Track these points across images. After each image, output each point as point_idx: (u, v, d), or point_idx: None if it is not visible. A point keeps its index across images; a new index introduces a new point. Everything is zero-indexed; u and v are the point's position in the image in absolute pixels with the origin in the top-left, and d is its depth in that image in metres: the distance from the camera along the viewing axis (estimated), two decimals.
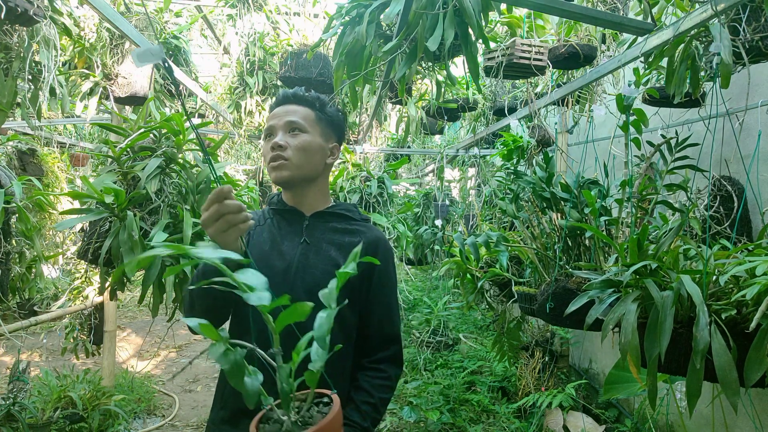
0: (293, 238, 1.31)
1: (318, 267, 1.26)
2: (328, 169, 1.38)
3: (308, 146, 1.29)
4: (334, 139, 1.38)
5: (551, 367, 3.63)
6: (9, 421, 2.44)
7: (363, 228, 1.36)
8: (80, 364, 4.06)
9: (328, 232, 1.32)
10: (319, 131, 1.32)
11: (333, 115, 1.38)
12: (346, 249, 1.29)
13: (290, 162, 1.26)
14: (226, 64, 4.75)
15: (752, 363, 1.10)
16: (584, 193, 1.92)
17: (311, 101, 1.34)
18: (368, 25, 1.80)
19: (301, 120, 1.30)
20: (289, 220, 1.35)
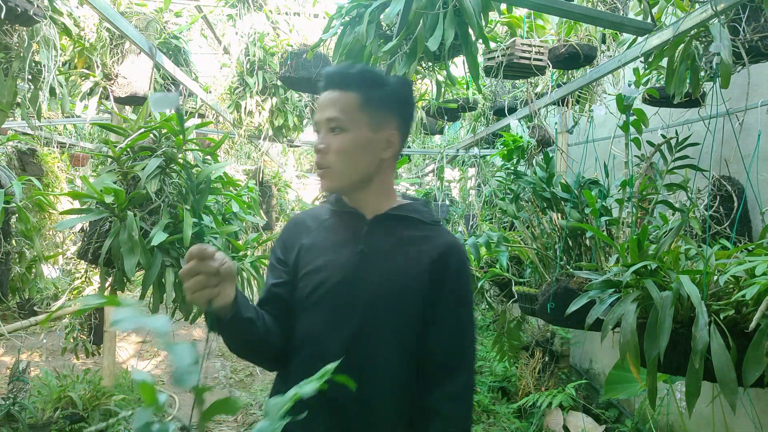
0: (351, 246, 1.11)
1: (377, 282, 1.07)
2: (387, 163, 1.13)
3: (350, 147, 1.07)
4: (393, 124, 1.10)
5: (551, 367, 3.63)
6: (9, 421, 2.44)
7: (432, 233, 1.13)
8: (80, 364, 4.06)
9: (391, 241, 1.11)
10: (366, 121, 1.07)
11: (389, 90, 1.10)
12: (411, 262, 1.08)
13: (333, 170, 1.07)
14: (226, 64, 4.75)
15: (751, 363, 1.10)
16: (584, 193, 1.92)
17: (355, 81, 1.08)
18: (368, 25, 1.80)
19: (340, 114, 1.07)
20: (348, 223, 1.15)
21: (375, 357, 1.04)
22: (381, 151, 1.10)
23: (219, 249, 1.77)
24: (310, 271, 1.11)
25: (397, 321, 1.05)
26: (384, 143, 1.10)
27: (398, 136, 1.12)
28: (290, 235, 1.19)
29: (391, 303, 1.05)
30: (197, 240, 1.85)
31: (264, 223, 3.95)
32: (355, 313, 1.05)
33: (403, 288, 1.06)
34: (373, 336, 1.04)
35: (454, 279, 1.09)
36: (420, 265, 1.07)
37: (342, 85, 1.08)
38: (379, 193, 1.14)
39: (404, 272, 1.07)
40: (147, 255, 1.70)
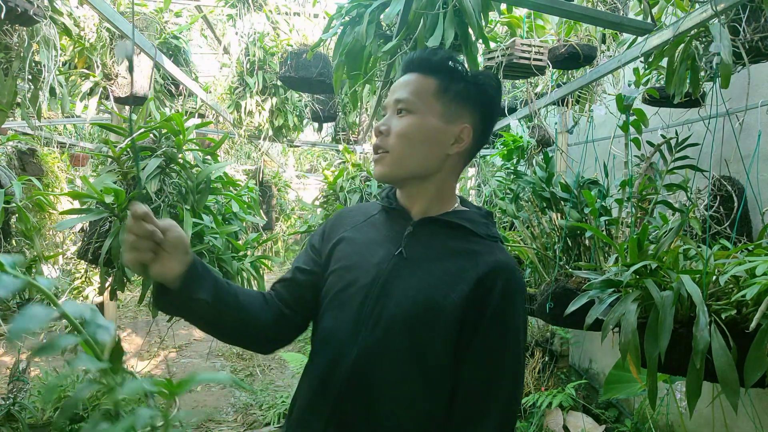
0: (390, 247, 0.99)
1: (408, 294, 0.93)
2: (453, 161, 1.00)
3: (414, 132, 0.95)
4: (468, 120, 0.99)
5: (551, 367, 3.63)
6: (9, 421, 2.44)
7: (483, 249, 0.97)
8: None
9: (435, 249, 0.97)
10: (439, 109, 0.96)
11: (472, 84, 0.99)
12: (451, 277, 0.93)
13: (390, 154, 0.97)
14: (226, 64, 4.75)
15: (752, 363, 1.10)
16: (584, 193, 1.92)
17: (435, 67, 0.98)
18: (368, 25, 1.80)
19: (410, 96, 0.96)
20: (393, 222, 1.04)
21: (391, 377, 0.91)
22: (448, 145, 0.98)
23: (217, 247, 1.77)
24: (342, 267, 1.01)
25: (423, 343, 0.91)
26: (453, 138, 0.98)
27: (471, 135, 0.99)
28: (332, 226, 1.10)
29: (419, 320, 0.91)
30: (197, 240, 1.85)
31: (264, 223, 3.95)
32: (378, 322, 0.93)
33: (435, 305, 0.91)
34: (393, 353, 0.91)
35: (499, 306, 0.91)
36: (460, 283, 0.92)
37: (420, 69, 0.99)
38: (436, 194, 1.01)
39: (440, 287, 0.92)
40: None
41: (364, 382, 0.91)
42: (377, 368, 0.92)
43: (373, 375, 0.91)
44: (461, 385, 0.91)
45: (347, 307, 0.97)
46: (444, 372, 0.92)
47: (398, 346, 0.91)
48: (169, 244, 0.83)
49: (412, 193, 1.02)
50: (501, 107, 1.08)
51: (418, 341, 0.91)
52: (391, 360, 0.92)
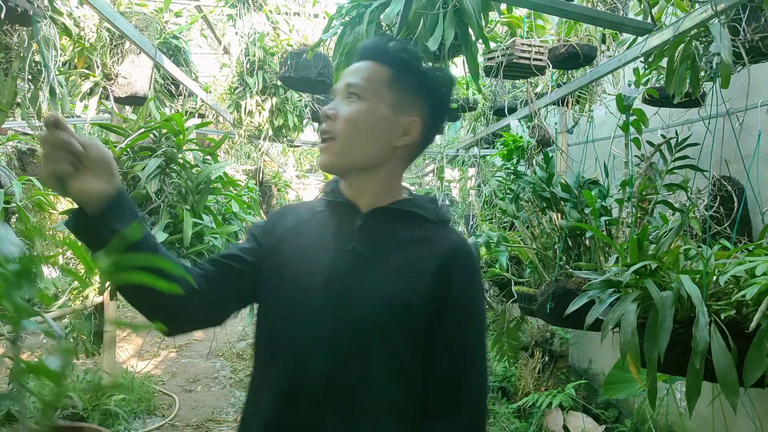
0: (340, 244, 0.94)
1: (371, 290, 0.90)
2: (400, 154, 0.98)
3: (362, 119, 0.92)
4: (418, 113, 0.96)
5: (551, 367, 3.63)
6: (9, 421, 2.44)
7: (437, 234, 0.96)
8: (80, 364, 4.06)
9: (389, 241, 0.94)
10: (390, 99, 0.94)
11: (425, 77, 0.97)
12: (410, 267, 0.91)
13: (337, 142, 0.93)
14: (226, 64, 4.75)
15: (752, 363, 1.10)
16: (584, 193, 1.92)
17: (390, 56, 0.96)
18: (368, 25, 1.80)
19: (363, 82, 0.94)
20: (341, 217, 0.98)
21: (367, 382, 0.88)
22: (396, 136, 0.95)
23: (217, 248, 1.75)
24: (289, 267, 0.95)
25: (395, 339, 0.88)
26: (402, 129, 0.95)
27: (420, 128, 0.97)
28: (276, 220, 1.04)
29: (389, 317, 0.88)
30: (198, 240, 1.85)
31: None
32: (343, 326, 0.89)
33: (403, 299, 0.89)
34: (366, 356, 0.88)
35: (462, 290, 0.92)
36: (421, 271, 0.91)
37: (375, 56, 0.96)
38: (383, 186, 0.98)
39: (404, 280, 0.90)
40: None
41: (340, 388, 0.87)
42: (351, 372, 0.88)
43: (348, 380, 0.88)
44: (434, 374, 0.90)
45: (303, 310, 0.91)
46: (417, 365, 0.91)
47: (370, 346, 0.88)
48: (91, 161, 0.77)
49: (358, 185, 0.98)
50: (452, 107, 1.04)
51: (391, 339, 0.89)
52: (364, 362, 0.88)
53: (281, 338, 0.93)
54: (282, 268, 0.95)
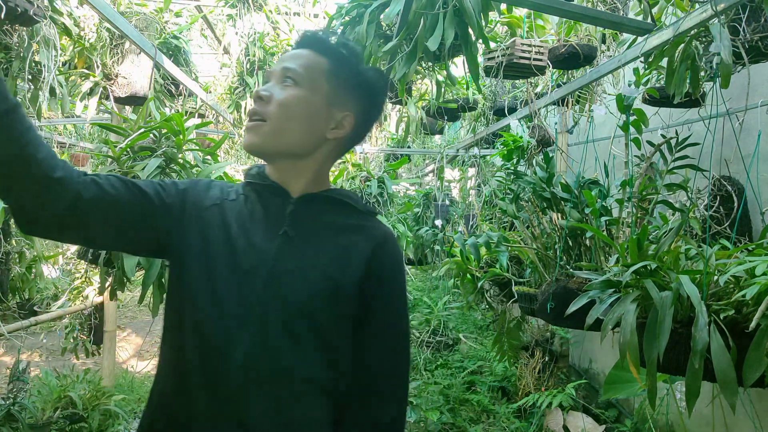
0: (270, 227, 0.92)
1: (302, 274, 0.89)
2: (330, 147, 0.98)
3: (296, 105, 0.91)
4: (351, 109, 0.97)
5: (551, 367, 3.63)
6: (9, 421, 2.44)
7: (368, 223, 0.98)
8: (80, 364, 4.06)
9: (321, 226, 0.95)
10: (325, 90, 0.94)
11: (361, 75, 0.98)
12: (345, 252, 0.92)
13: (267, 124, 0.90)
14: (226, 64, 4.76)
15: (751, 363, 1.10)
16: (584, 193, 1.92)
17: (331, 49, 0.96)
18: (368, 25, 1.80)
19: (301, 68, 0.93)
20: (268, 201, 0.96)
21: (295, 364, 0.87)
22: (329, 128, 0.95)
23: None
24: (214, 249, 0.90)
25: (324, 322, 0.89)
26: (335, 122, 0.95)
27: (352, 123, 0.97)
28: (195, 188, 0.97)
29: (319, 300, 0.88)
30: None
31: None
32: (271, 309, 0.87)
33: (334, 283, 0.89)
34: (294, 339, 0.87)
35: (391, 277, 0.95)
36: (352, 256, 0.92)
37: (315, 47, 0.96)
38: (312, 176, 0.97)
39: (336, 264, 0.90)
40: None
41: (267, 371, 0.86)
42: (279, 356, 0.86)
43: (276, 362, 0.86)
44: (363, 359, 0.92)
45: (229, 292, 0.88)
46: (346, 348, 0.92)
47: (298, 329, 0.88)
48: None
49: (286, 171, 0.96)
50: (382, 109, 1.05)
51: (319, 322, 0.88)
52: (292, 345, 0.87)
53: (199, 322, 0.88)
54: (209, 244, 0.91)
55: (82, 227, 0.86)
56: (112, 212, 0.87)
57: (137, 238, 0.94)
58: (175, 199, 0.95)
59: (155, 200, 0.92)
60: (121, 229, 0.90)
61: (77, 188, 0.82)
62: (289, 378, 0.87)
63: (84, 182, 0.83)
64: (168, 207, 0.93)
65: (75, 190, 0.81)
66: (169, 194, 0.95)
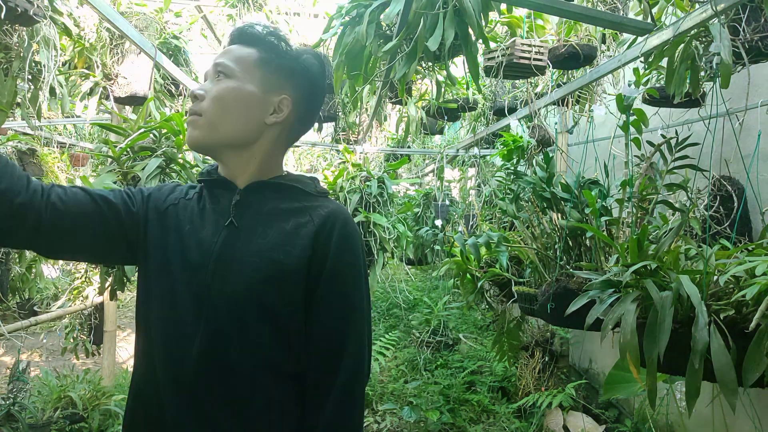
0: (218, 220, 0.96)
1: (246, 262, 0.91)
2: (272, 132, 0.99)
3: (229, 96, 0.93)
4: (288, 92, 0.98)
5: (551, 367, 3.63)
6: (9, 421, 2.44)
7: (315, 203, 0.99)
8: (80, 364, 4.06)
9: (267, 213, 0.96)
10: (258, 77, 0.95)
11: (293, 58, 0.99)
12: (289, 236, 0.93)
13: (204, 118, 0.93)
14: None
15: (751, 363, 1.10)
16: (584, 193, 1.92)
17: (258, 39, 0.98)
18: (368, 25, 1.80)
19: (230, 62, 0.95)
20: (217, 195, 0.99)
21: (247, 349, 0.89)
22: (267, 114, 0.97)
23: None
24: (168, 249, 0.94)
25: (273, 305, 0.90)
26: (272, 107, 0.97)
27: (291, 106, 0.98)
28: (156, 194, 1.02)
29: (265, 285, 0.90)
30: None
31: None
32: (220, 301, 0.90)
33: (279, 266, 0.90)
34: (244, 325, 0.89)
35: (339, 252, 0.93)
36: (297, 237, 0.92)
37: (242, 41, 0.98)
38: (258, 165, 0.99)
39: (280, 248, 0.91)
40: None
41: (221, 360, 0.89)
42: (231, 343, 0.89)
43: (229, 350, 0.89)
44: (314, 336, 0.93)
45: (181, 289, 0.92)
46: (298, 328, 0.93)
47: (248, 314, 0.90)
48: None
49: (232, 163, 0.99)
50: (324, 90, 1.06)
51: (268, 305, 0.90)
52: (243, 331, 0.89)
53: (161, 319, 0.93)
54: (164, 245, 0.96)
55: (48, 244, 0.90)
56: (77, 228, 0.91)
57: (106, 249, 0.98)
58: (140, 207, 0.99)
59: (122, 211, 0.96)
60: (87, 242, 0.94)
61: (38, 210, 0.85)
62: (243, 364, 0.89)
63: (46, 203, 0.86)
64: (134, 216, 0.97)
65: (36, 212, 0.84)
66: (135, 202, 0.99)
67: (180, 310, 0.91)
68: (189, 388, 0.89)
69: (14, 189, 0.82)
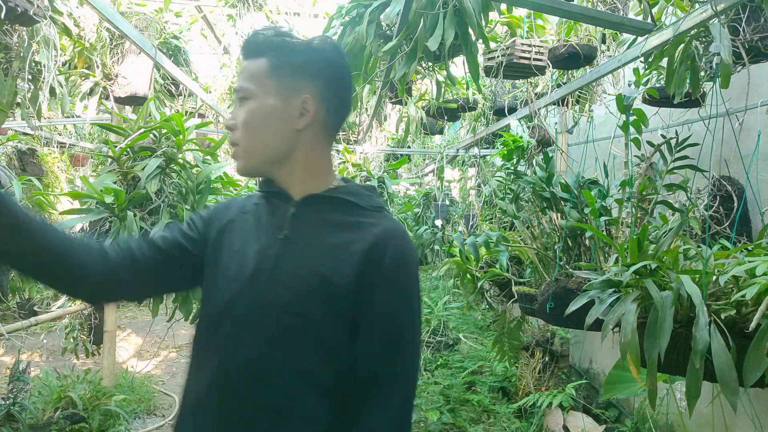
0: (274, 231, 0.95)
1: (295, 275, 0.91)
2: (306, 135, 0.96)
3: (253, 118, 0.93)
4: (308, 89, 0.94)
5: (551, 367, 3.63)
6: (9, 421, 2.44)
7: (369, 220, 0.95)
8: (80, 364, 4.06)
9: (319, 227, 0.95)
10: (274, 87, 0.93)
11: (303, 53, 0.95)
12: (339, 251, 0.91)
13: (240, 147, 0.94)
14: (226, 64, 4.76)
15: (751, 363, 1.10)
16: (584, 193, 1.92)
17: (263, 47, 0.95)
18: (368, 25, 1.80)
19: (245, 82, 0.94)
20: (274, 206, 1.00)
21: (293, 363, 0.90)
22: (293, 120, 0.94)
23: None
24: (226, 262, 0.97)
25: (318, 321, 0.89)
26: (297, 111, 0.94)
27: (315, 103, 0.95)
28: (218, 213, 1.05)
29: (311, 299, 0.89)
30: None
31: None
32: (268, 312, 0.90)
33: (327, 282, 0.89)
34: (292, 339, 0.90)
35: (390, 275, 0.90)
36: (348, 254, 0.90)
37: (250, 54, 0.96)
38: (306, 172, 0.97)
39: (329, 263, 0.90)
40: None
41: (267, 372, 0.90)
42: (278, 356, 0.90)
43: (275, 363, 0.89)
44: (361, 361, 0.90)
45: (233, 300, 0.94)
46: (345, 347, 0.90)
47: (295, 329, 0.90)
48: None
49: (281, 177, 0.99)
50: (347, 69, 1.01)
51: (313, 320, 0.90)
52: (290, 345, 0.90)
53: (215, 330, 0.95)
54: (221, 259, 0.98)
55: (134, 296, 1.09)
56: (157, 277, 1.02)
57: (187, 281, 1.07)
58: (202, 232, 1.04)
59: (187, 245, 1.02)
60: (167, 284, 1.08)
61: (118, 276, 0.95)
62: (285, 376, 0.90)
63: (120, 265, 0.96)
64: (197, 242, 1.03)
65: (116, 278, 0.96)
66: (197, 230, 1.04)
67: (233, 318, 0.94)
68: (233, 395, 0.91)
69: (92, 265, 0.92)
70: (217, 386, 0.92)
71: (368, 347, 0.90)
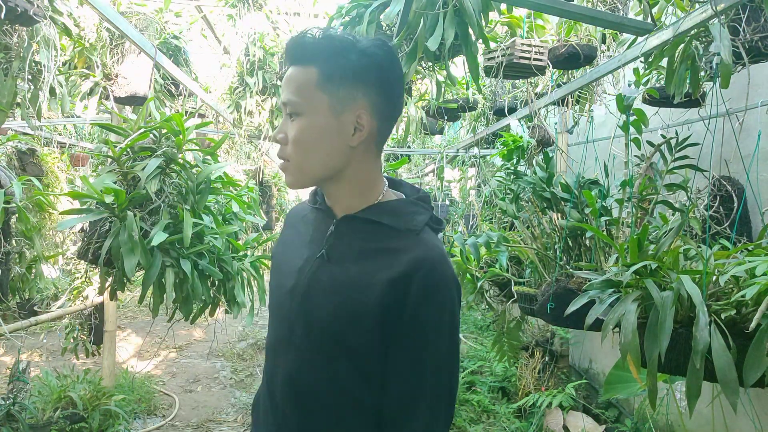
0: (315, 248, 0.95)
1: (329, 294, 0.90)
2: (360, 152, 0.91)
3: (306, 137, 0.88)
4: (362, 102, 0.88)
5: (551, 367, 3.63)
6: (9, 421, 2.44)
7: (401, 245, 0.89)
8: (80, 364, 4.06)
9: (355, 248, 0.92)
10: (326, 102, 0.87)
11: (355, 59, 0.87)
12: (368, 277, 0.88)
13: (291, 163, 0.91)
14: (226, 64, 4.76)
15: (752, 363, 1.10)
16: (584, 193, 1.93)
17: (313, 53, 0.88)
18: (368, 25, 1.80)
19: (294, 96, 0.88)
20: (320, 221, 0.99)
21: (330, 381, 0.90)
22: (348, 137, 0.88)
23: (217, 248, 1.79)
24: (274, 271, 1.02)
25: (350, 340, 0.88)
26: (351, 127, 0.88)
27: (370, 117, 0.89)
28: (284, 228, 1.13)
29: (342, 321, 0.88)
30: (197, 240, 1.85)
31: (264, 223, 3.96)
32: (304, 329, 0.91)
33: (356, 305, 0.87)
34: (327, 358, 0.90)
35: (417, 306, 0.84)
36: (374, 281, 0.87)
37: (300, 59, 0.89)
38: (354, 188, 0.93)
39: (358, 288, 0.87)
40: (147, 255, 1.70)
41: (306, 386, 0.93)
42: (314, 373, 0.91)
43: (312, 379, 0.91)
44: (389, 386, 0.88)
45: (278, 313, 0.99)
46: (377, 365, 0.88)
47: (328, 348, 0.90)
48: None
49: (330, 192, 0.96)
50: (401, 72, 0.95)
51: (345, 341, 0.88)
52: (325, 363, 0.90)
53: (268, 339, 1.03)
54: (272, 272, 1.05)
55: None
56: None
57: None
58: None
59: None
60: None
61: None
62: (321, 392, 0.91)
63: None
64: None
65: None
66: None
67: (276, 333, 0.99)
68: (279, 406, 0.95)
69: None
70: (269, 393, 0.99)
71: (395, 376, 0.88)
